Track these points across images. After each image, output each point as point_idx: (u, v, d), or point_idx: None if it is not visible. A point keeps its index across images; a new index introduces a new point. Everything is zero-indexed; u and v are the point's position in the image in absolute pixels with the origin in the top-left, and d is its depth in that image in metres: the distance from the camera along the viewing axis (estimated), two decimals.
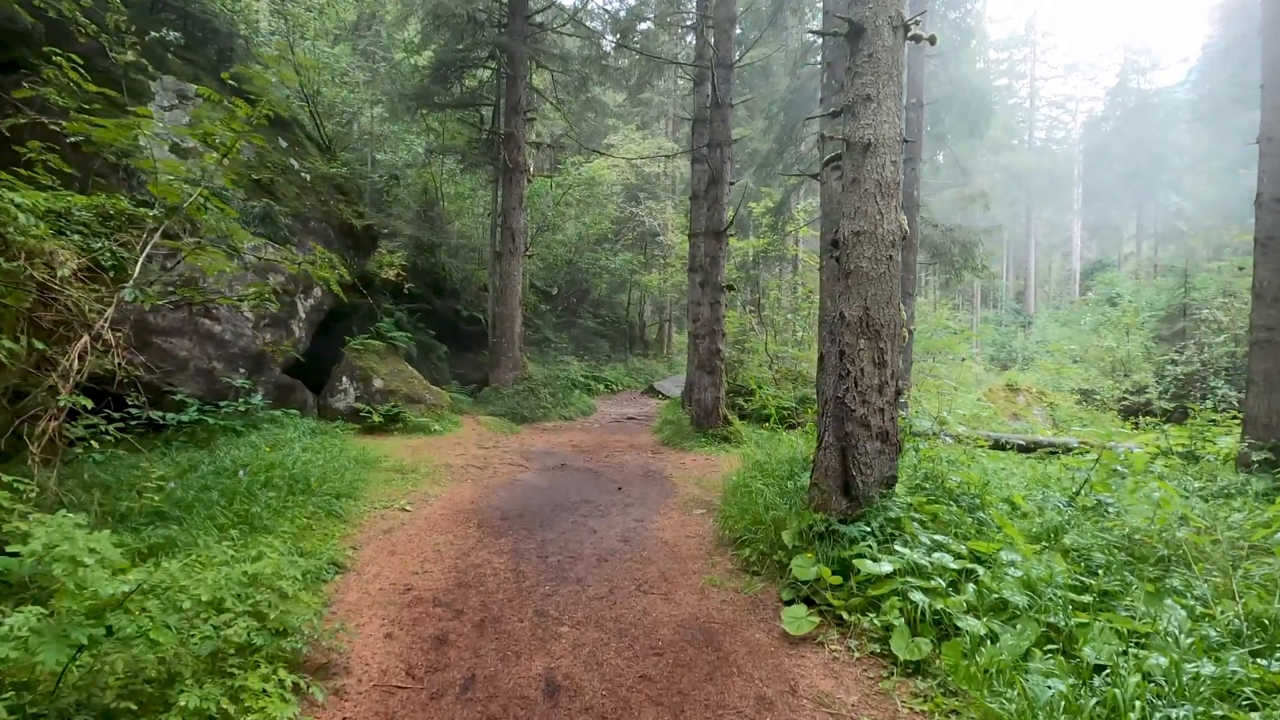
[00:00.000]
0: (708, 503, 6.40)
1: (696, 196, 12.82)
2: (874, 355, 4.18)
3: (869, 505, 4.22)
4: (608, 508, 6.20)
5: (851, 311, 4.22)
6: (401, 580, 4.05)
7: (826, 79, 5.89)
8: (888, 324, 4.19)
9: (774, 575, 4.07)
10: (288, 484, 5.50)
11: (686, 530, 5.43)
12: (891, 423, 4.26)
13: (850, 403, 4.22)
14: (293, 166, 10.74)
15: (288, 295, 9.82)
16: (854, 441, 4.23)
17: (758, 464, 6.42)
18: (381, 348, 11.45)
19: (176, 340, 8.01)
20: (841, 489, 4.34)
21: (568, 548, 4.86)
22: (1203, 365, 19.65)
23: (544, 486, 7.09)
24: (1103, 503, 5.62)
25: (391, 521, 5.36)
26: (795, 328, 18.56)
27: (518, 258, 14.12)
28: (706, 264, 10.53)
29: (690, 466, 8.53)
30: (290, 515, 4.82)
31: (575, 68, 16.54)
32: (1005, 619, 3.08)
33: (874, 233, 4.14)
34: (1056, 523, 4.73)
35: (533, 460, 8.66)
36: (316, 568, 3.93)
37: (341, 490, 5.78)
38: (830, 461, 4.38)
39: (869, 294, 4.17)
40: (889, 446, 4.27)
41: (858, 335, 4.20)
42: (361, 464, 6.98)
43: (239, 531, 4.15)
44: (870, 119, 4.14)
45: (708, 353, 10.39)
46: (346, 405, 10.30)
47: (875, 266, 4.15)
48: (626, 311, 25.87)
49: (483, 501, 6.28)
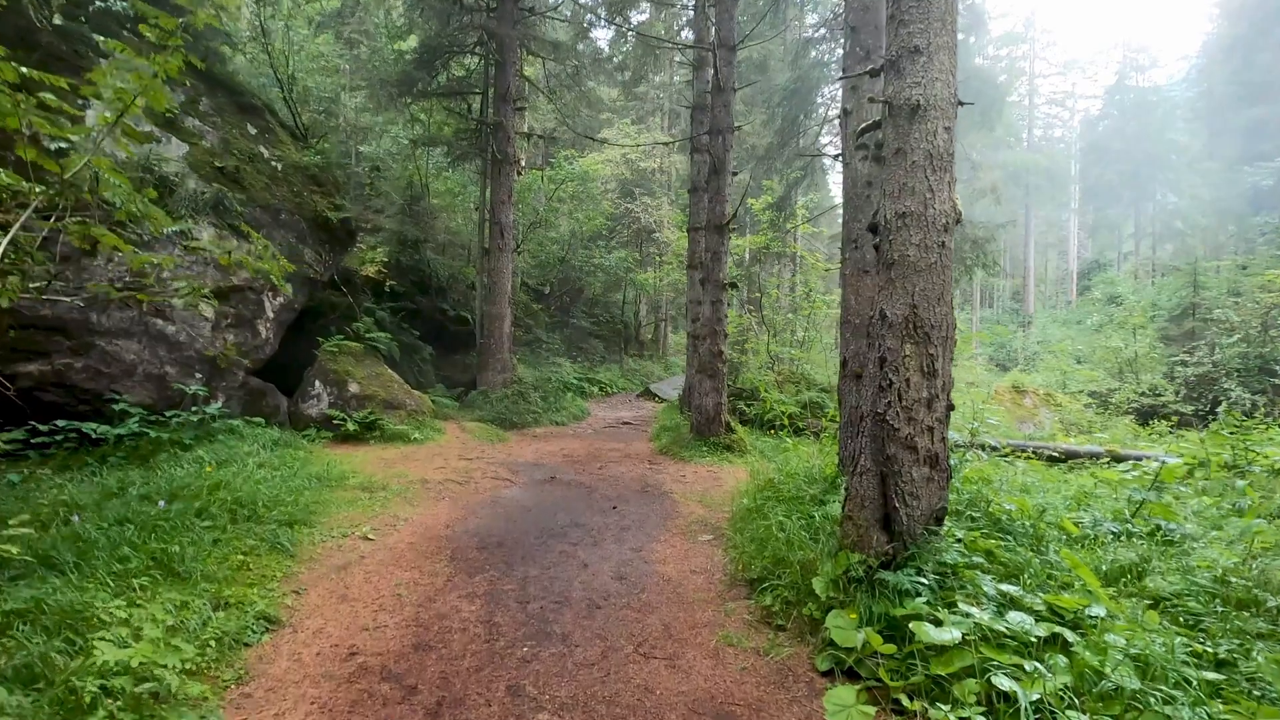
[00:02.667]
0: (714, 526, 5.67)
1: (696, 189, 12.10)
2: (922, 362, 3.46)
3: (915, 544, 3.50)
4: (601, 532, 5.46)
5: (895, 310, 3.49)
6: (347, 640, 3.29)
7: (850, 46, 5.18)
8: (939, 325, 3.47)
9: (803, 633, 3.34)
10: (230, 511, 4.74)
11: (692, 562, 4.69)
12: (942, 444, 3.54)
13: (893, 420, 3.50)
14: (262, 155, 9.95)
15: (254, 293, 9.03)
16: (897, 467, 3.51)
17: (770, 483, 5.68)
18: (359, 349, 10.67)
19: (123, 342, 7.22)
20: (880, 523, 3.62)
21: (553, 588, 4.12)
22: (1214, 366, 19.08)
23: (530, 506, 6.34)
24: (1165, 528, 4.93)
25: (349, 554, 4.60)
26: (796, 328, 17.87)
27: (507, 254, 13.36)
28: (707, 260, 9.80)
29: (692, 480, 7.80)
30: (224, 552, 4.06)
31: (568, 55, 15.79)
32: (1119, 713, 2.35)
33: (923, 214, 3.42)
34: (1127, 559, 4.03)
35: (519, 473, 7.91)
36: (238, 628, 3.17)
37: (295, 516, 5.02)
38: (866, 490, 3.65)
39: (916, 288, 3.44)
40: (939, 473, 3.55)
41: (902, 339, 3.47)
42: (324, 482, 6.21)
43: (149, 580, 3.39)
44: (919, 76, 3.42)
45: (709, 355, 9.67)
46: (319, 412, 9.52)
47: (924, 255, 3.43)
48: (621, 311, 25.12)
49: (459, 525, 5.53)
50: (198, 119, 9.24)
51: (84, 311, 7.00)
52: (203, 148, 9.07)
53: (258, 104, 10.53)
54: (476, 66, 14.68)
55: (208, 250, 3.84)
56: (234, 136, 9.65)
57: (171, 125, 8.75)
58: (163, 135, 8.57)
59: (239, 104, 10.14)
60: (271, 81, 12.53)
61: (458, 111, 14.94)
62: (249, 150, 9.72)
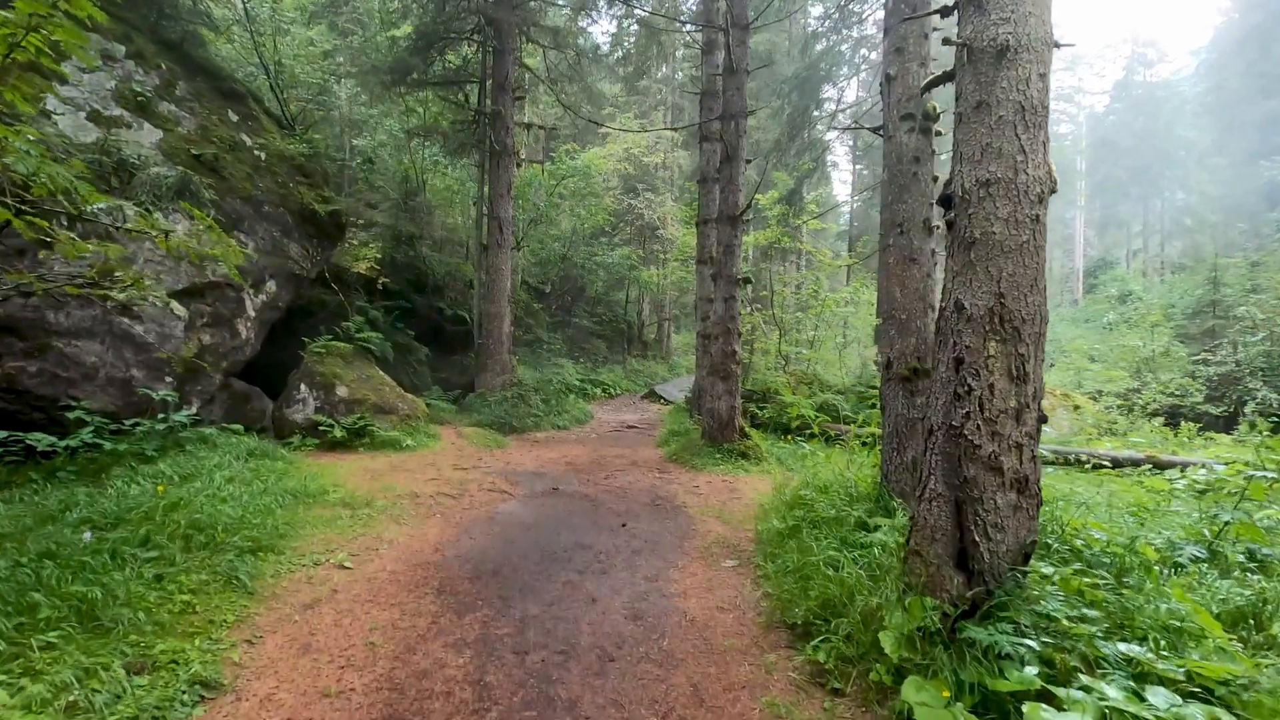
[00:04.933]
0: (738, 548, 5.03)
1: (706, 179, 11.45)
2: (1010, 364, 2.82)
3: (1000, 586, 2.86)
4: (610, 556, 4.82)
5: (976, 300, 2.85)
6: (301, 713, 2.65)
7: (893, 3, 4.53)
8: (1031, 317, 2.83)
9: (869, 700, 2.69)
10: (183, 537, 4.11)
11: (718, 596, 4.05)
12: (1032, 464, 2.90)
13: (972, 434, 2.86)
14: (244, 143, 9.32)
15: (233, 290, 8.40)
16: (977, 492, 2.87)
17: (800, 499, 5.04)
18: (348, 350, 10.03)
19: (84, 343, 6.58)
20: (955, 559, 2.98)
21: (557, 632, 3.47)
22: (1238, 365, 18.43)
23: (530, 523, 5.70)
24: (1258, 553, 4.28)
25: (319, 588, 3.96)
26: (806, 326, 17.23)
27: (505, 250, 12.72)
28: (719, 254, 9.15)
29: (706, 491, 7.16)
30: (167, 590, 3.42)
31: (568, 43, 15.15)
32: None
33: (1013, 181, 2.77)
34: (1240, 597, 3.38)
35: (519, 484, 7.27)
36: (161, 699, 2.53)
37: (260, 541, 4.38)
38: (938, 519, 3.01)
39: (1004, 273, 2.80)
40: (1028, 500, 2.91)
41: (985, 335, 2.83)
42: (301, 498, 5.57)
43: (60, 635, 2.75)
44: (1007, 10, 2.78)
45: (721, 355, 9.02)
46: (304, 417, 8.88)
47: (1014, 232, 2.78)
48: (625, 310, 24.47)
49: (450, 549, 4.89)
50: (173, 104, 8.61)
51: (39, 310, 6.36)
52: (178, 134, 8.44)
53: (240, 90, 9.91)
54: (473, 55, 14.05)
55: (148, 232, 3.21)
56: (213, 123, 9.03)
57: (144, 109, 8.13)
58: (134, 120, 7.95)
59: (220, 89, 9.51)
60: (260, 71, 11.90)
61: (454, 101, 14.31)
62: (230, 138, 9.09)
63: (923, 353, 4.49)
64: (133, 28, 8.59)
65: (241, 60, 12.26)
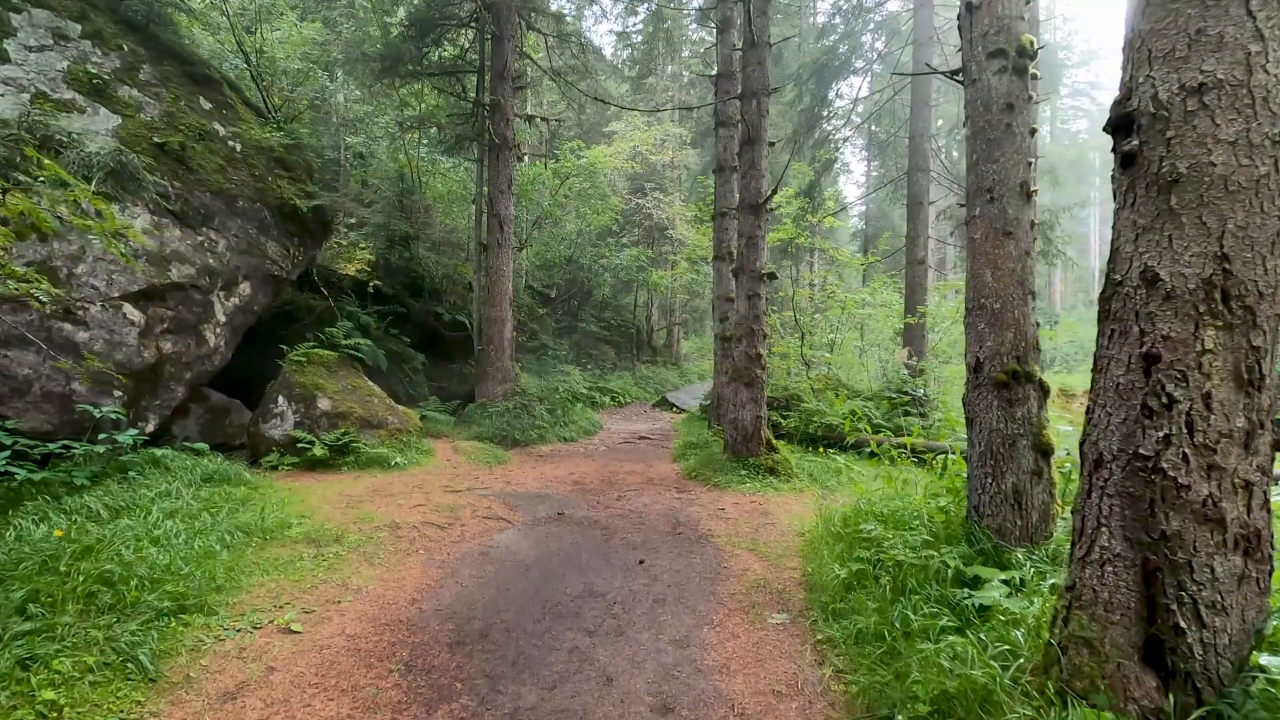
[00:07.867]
0: (783, 595, 4.07)
1: (723, 168, 10.54)
2: (1239, 363, 1.87)
3: (1219, 694, 1.90)
4: (628, 609, 3.87)
5: (1180, 266, 1.90)
6: None
7: None
8: (1269, 293, 1.87)
9: None
10: (84, 596, 3.21)
11: (770, 672, 3.09)
12: (1264, 514, 1.94)
13: (1175, 469, 1.90)
14: (216, 132, 8.49)
15: (199, 292, 7.54)
16: (1183, 554, 1.91)
17: (859, 535, 4.07)
18: (333, 359, 9.14)
19: (15, 353, 5.70)
20: (1141, 650, 2.01)
21: None
22: None
23: (530, 560, 4.76)
24: None
25: (250, 667, 3.03)
26: (825, 329, 16.25)
27: (507, 250, 11.83)
28: (741, 247, 8.21)
29: (734, 515, 6.20)
30: (29, 684, 2.51)
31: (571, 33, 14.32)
32: None
33: (1243, 85, 1.83)
34: None
35: (518, 509, 6.34)
36: None
37: (186, 597, 3.47)
38: (1114, 591, 2.05)
39: (1229, 225, 1.85)
40: (1258, 566, 1.95)
41: (1198, 320, 1.88)
42: (254, 534, 4.65)
43: None
44: None
45: (745, 359, 8.06)
46: (282, 433, 7.99)
47: (1247, 163, 1.84)
48: (633, 314, 23.55)
49: (430, 600, 3.96)
50: (135, 88, 7.79)
51: None
52: (140, 120, 7.62)
53: (215, 76, 9.07)
54: (471, 44, 13.21)
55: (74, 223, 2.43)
56: (181, 110, 8.20)
57: (100, 93, 7.31)
58: (88, 103, 7.13)
59: (190, 74, 8.68)
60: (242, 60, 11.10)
61: (451, 93, 13.46)
62: (200, 126, 8.26)
63: (1022, 350, 3.53)
64: (90, 5, 7.79)
65: (226, 51, 11.48)
